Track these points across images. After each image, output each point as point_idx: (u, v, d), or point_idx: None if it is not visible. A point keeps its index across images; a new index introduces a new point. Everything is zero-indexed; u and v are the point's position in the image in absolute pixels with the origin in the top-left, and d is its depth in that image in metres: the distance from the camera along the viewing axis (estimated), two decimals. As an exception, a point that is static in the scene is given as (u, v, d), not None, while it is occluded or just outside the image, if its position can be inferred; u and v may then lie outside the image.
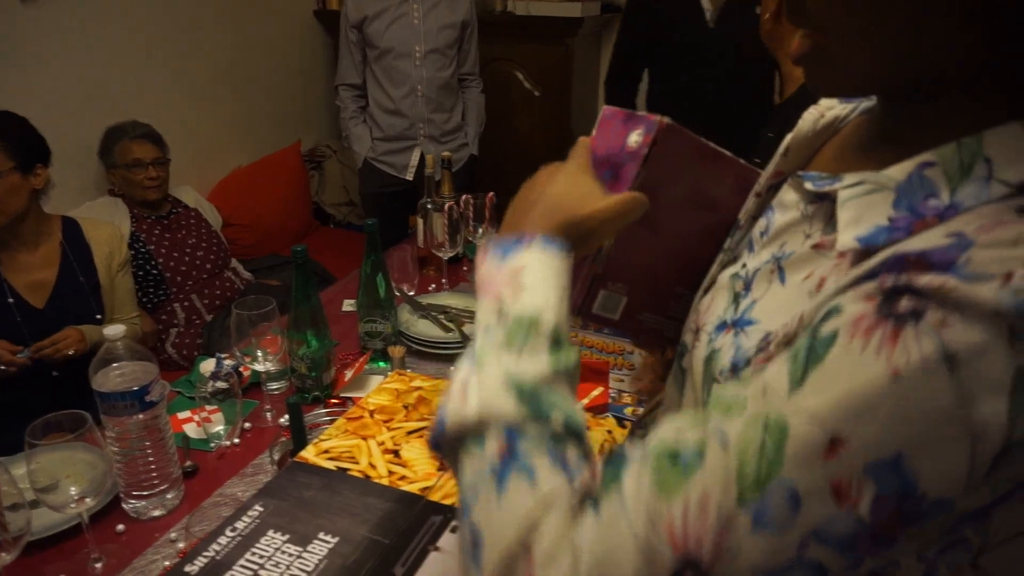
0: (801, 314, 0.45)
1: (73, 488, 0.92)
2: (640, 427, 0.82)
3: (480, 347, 0.50)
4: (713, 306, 0.59)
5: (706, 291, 0.64)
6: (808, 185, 0.51)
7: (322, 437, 0.91)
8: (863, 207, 0.45)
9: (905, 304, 0.37)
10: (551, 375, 0.48)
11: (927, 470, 0.36)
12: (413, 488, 0.81)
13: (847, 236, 0.45)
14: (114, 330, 1.01)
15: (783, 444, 0.39)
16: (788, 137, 0.61)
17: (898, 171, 0.45)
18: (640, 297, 0.69)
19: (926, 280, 0.37)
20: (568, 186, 0.59)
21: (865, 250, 0.44)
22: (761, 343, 0.48)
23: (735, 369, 0.50)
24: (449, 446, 0.49)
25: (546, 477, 0.45)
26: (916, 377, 0.36)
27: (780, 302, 0.50)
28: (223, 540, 0.72)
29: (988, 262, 0.36)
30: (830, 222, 0.49)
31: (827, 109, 0.61)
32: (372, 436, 0.91)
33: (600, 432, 0.94)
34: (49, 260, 1.85)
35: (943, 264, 0.37)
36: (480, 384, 0.48)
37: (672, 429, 0.44)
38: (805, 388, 0.39)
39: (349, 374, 1.37)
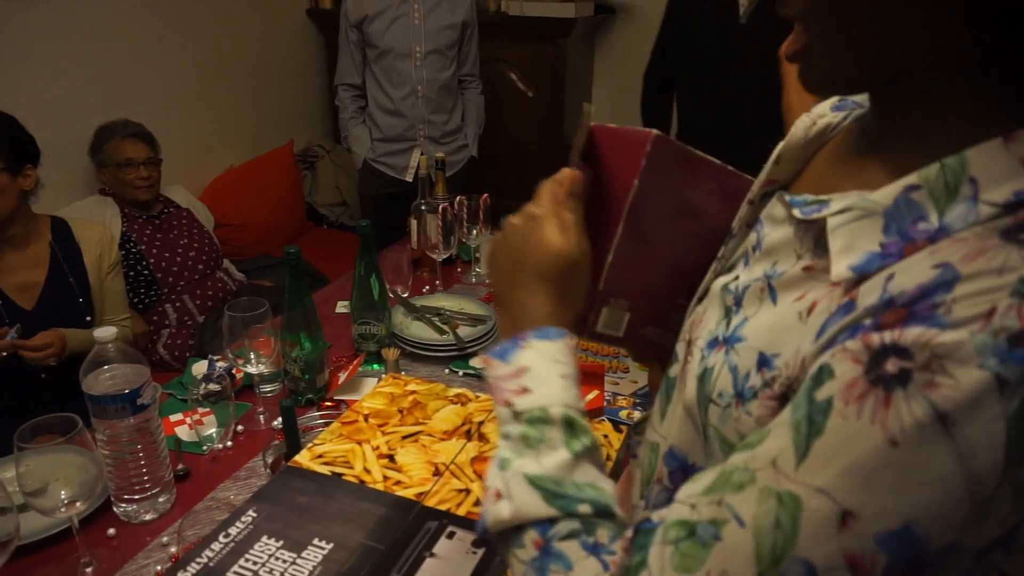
0: (803, 357, 0.45)
1: (63, 492, 0.91)
2: (637, 432, 0.82)
3: (503, 451, 0.54)
4: (705, 319, 0.59)
5: (699, 300, 0.64)
6: (796, 212, 0.52)
7: (316, 442, 0.90)
8: (853, 234, 0.46)
9: (892, 366, 0.38)
10: (571, 461, 0.52)
11: (935, 530, 0.38)
12: (408, 493, 0.81)
13: (840, 266, 0.46)
14: (104, 332, 1.00)
15: (797, 519, 0.40)
16: (780, 145, 0.61)
17: (884, 195, 0.45)
18: (643, 311, 0.69)
19: (911, 338, 0.38)
20: (544, 255, 0.60)
21: (858, 278, 0.45)
22: (767, 378, 0.49)
23: (742, 399, 0.50)
24: (497, 545, 0.54)
25: (581, 567, 0.48)
26: (913, 443, 0.37)
27: (771, 322, 0.51)
28: (216, 546, 0.71)
29: (971, 300, 0.37)
30: (820, 242, 0.49)
31: (819, 117, 0.61)
32: (367, 440, 0.90)
33: (596, 436, 0.94)
34: (38, 261, 1.83)
35: (925, 315, 0.38)
36: (508, 489, 0.52)
37: (687, 505, 0.46)
38: (810, 461, 0.40)
39: (343, 376, 1.36)
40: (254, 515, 0.76)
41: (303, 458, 0.86)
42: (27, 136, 1.78)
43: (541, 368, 0.56)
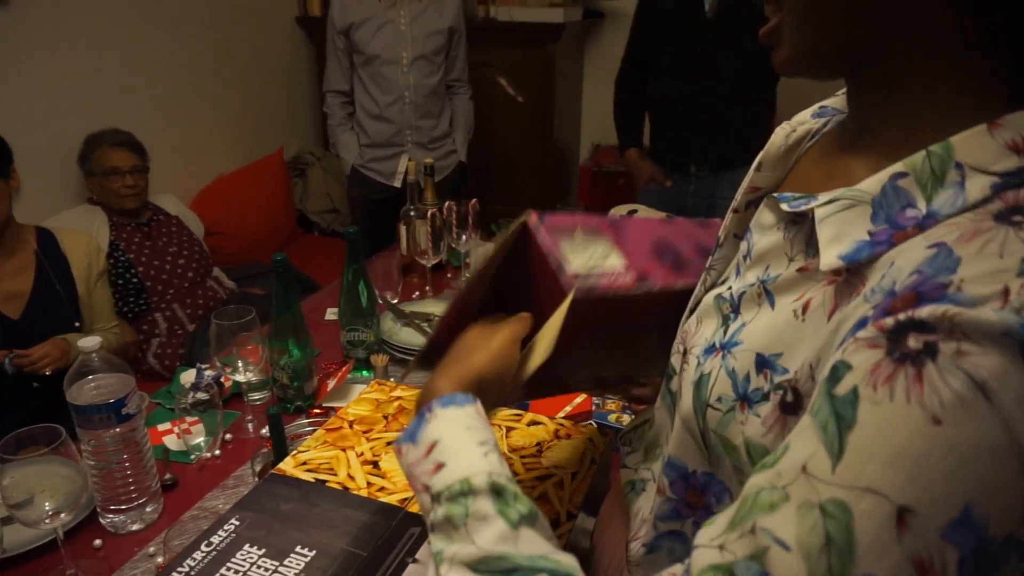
0: (810, 357, 0.44)
1: (48, 503, 0.91)
2: (624, 442, 0.82)
3: (435, 544, 0.48)
4: (701, 329, 0.59)
5: (691, 312, 0.64)
6: (784, 206, 0.52)
7: (300, 449, 0.90)
8: (842, 223, 0.46)
9: (914, 341, 0.36)
10: (510, 531, 0.46)
11: (994, 512, 0.34)
12: (392, 499, 0.80)
13: (830, 255, 0.45)
14: (89, 342, 1.00)
15: (850, 530, 0.35)
16: (761, 153, 0.62)
17: (871, 185, 0.45)
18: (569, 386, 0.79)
19: (927, 312, 0.36)
20: (473, 344, 0.60)
21: (850, 268, 0.44)
22: (776, 382, 0.47)
23: (747, 402, 0.49)
24: None
25: None
26: (957, 417, 0.34)
27: (769, 325, 0.51)
28: (198, 555, 0.71)
29: (980, 281, 0.36)
30: (811, 242, 0.49)
31: (799, 124, 0.61)
32: (351, 447, 0.90)
33: (581, 440, 0.94)
34: (23, 269, 1.83)
35: (936, 295, 0.36)
36: None
37: (712, 548, 0.41)
38: (848, 459, 0.36)
39: (332, 383, 1.36)
40: (236, 523, 0.76)
41: (287, 465, 0.86)
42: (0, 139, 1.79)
43: (453, 437, 0.50)
